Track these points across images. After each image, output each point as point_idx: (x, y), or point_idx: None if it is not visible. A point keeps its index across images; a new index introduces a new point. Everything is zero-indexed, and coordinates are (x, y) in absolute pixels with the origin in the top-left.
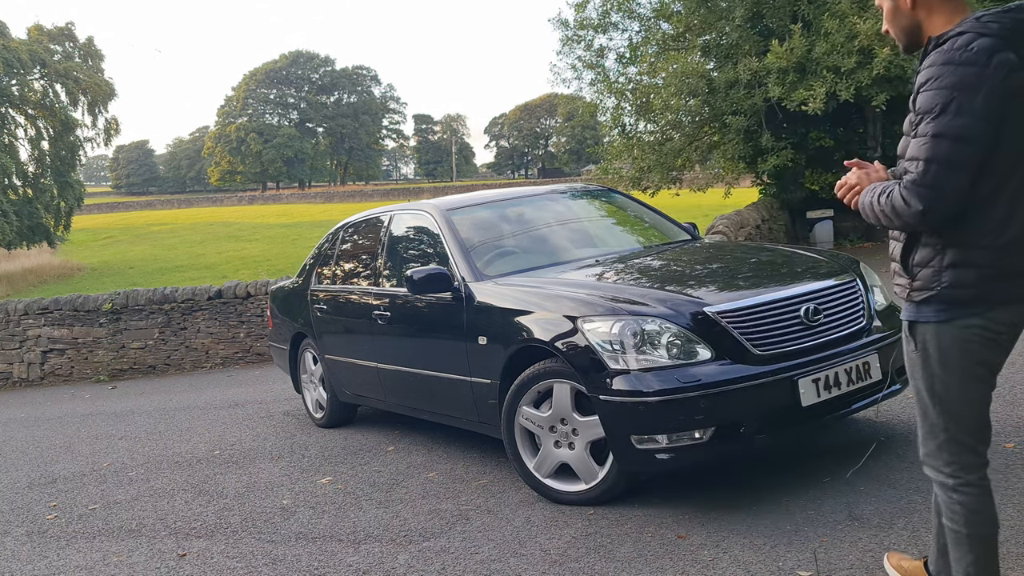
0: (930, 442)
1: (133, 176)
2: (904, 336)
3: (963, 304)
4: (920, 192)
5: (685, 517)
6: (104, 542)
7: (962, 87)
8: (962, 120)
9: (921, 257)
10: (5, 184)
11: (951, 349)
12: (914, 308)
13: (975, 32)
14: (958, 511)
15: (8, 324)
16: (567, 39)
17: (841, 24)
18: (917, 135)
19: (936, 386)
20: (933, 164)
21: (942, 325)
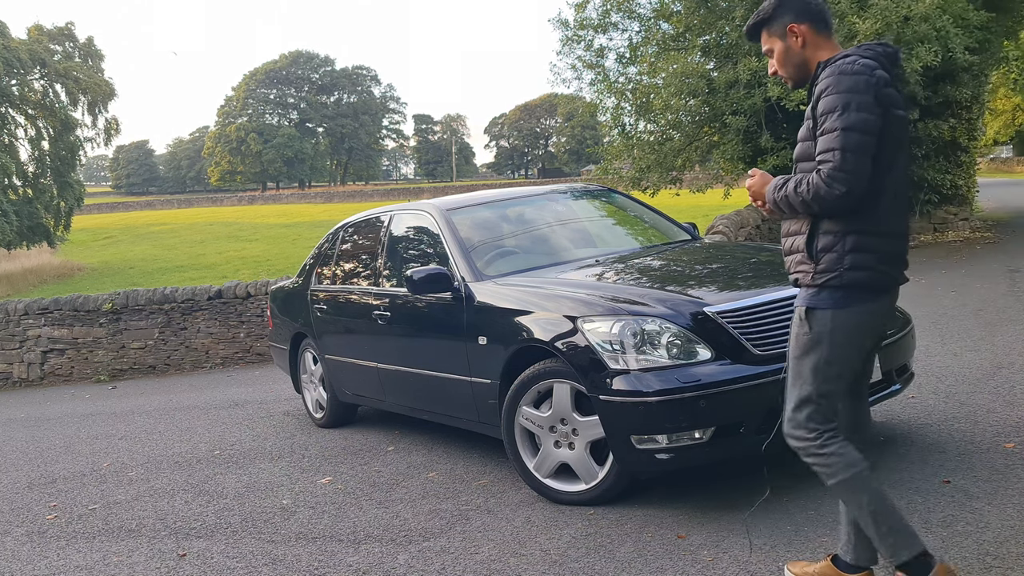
0: (799, 414)
1: (133, 176)
2: (799, 319)
3: (860, 287)
4: (840, 176)
5: (685, 517)
6: (104, 542)
7: (856, 90)
8: (861, 115)
9: (824, 243)
10: (5, 184)
11: (843, 335)
12: (814, 294)
13: (858, 55)
14: (833, 462)
15: (8, 324)
16: (567, 39)
17: (840, 24)
18: (824, 132)
19: (821, 366)
20: (847, 152)
21: (838, 312)
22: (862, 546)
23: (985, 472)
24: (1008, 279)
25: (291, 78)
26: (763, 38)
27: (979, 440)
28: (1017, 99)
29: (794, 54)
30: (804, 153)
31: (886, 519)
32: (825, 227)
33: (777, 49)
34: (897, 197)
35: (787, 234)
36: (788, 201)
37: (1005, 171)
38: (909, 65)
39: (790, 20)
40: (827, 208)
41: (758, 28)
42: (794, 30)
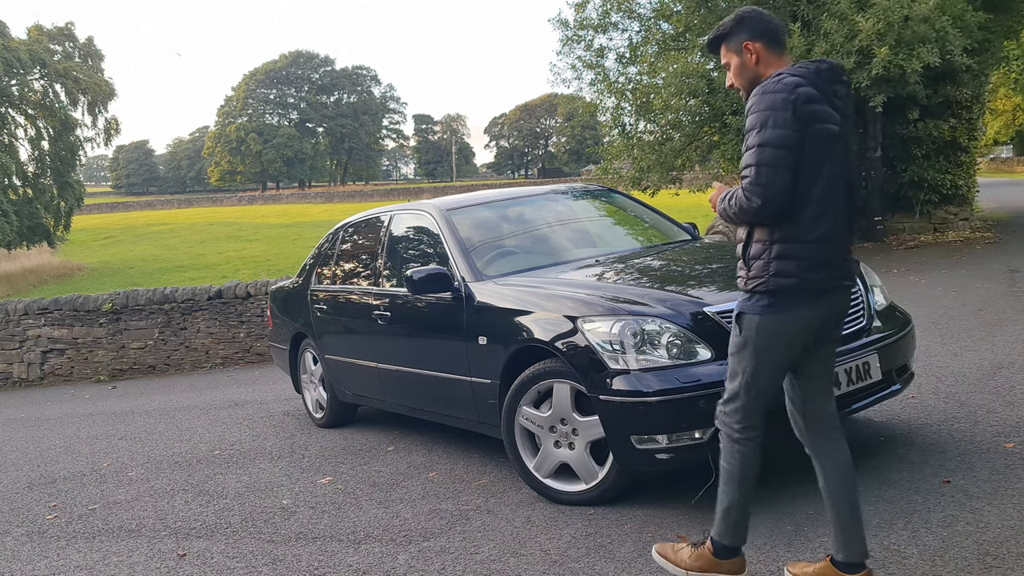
0: (732, 403)
1: (133, 176)
2: (733, 324)
3: (786, 293)
4: (755, 190)
5: (685, 517)
6: (104, 542)
7: (773, 107)
8: (777, 131)
9: (754, 251)
10: (5, 184)
11: (767, 339)
12: (745, 300)
13: (788, 73)
14: (737, 457)
15: (8, 324)
16: (567, 39)
17: (840, 24)
18: (747, 148)
19: (749, 367)
20: (762, 167)
21: (764, 317)
22: (852, 541)
23: (985, 472)
24: (1008, 279)
25: (291, 78)
26: (722, 52)
27: (979, 440)
28: (1017, 99)
29: (748, 69)
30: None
31: (737, 513)
32: (756, 236)
33: (734, 63)
34: (827, 206)
35: (740, 243)
36: (726, 212)
37: (1005, 171)
38: (909, 65)
39: (746, 38)
40: (749, 220)
41: (718, 42)
42: (749, 47)
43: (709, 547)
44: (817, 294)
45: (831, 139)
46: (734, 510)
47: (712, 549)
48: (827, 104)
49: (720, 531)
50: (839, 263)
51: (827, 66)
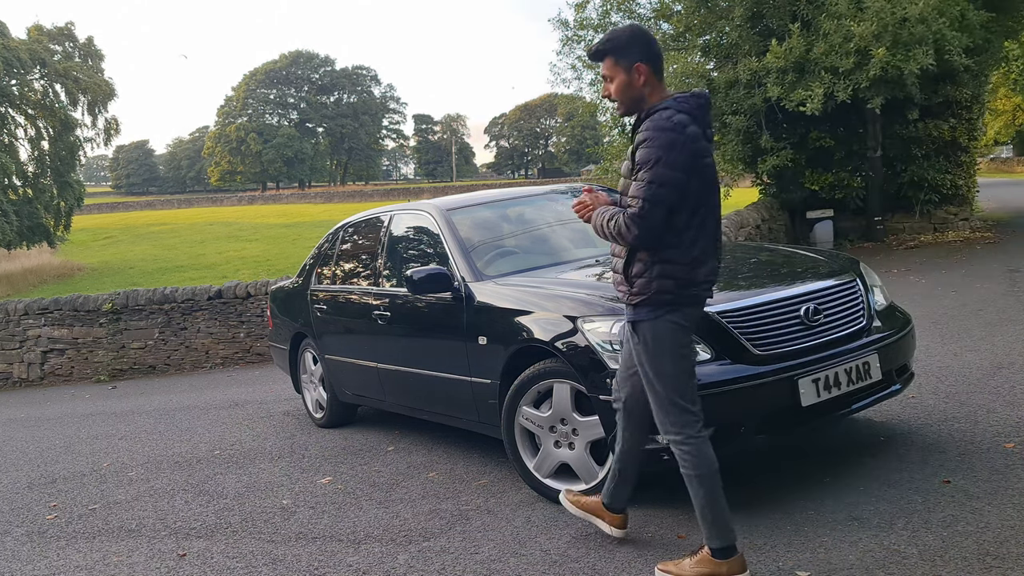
0: (662, 414)
1: (133, 176)
2: (629, 335)
3: (665, 305)
4: (637, 222)
5: (685, 517)
6: (104, 542)
7: (666, 147)
8: (665, 171)
9: (637, 270)
10: (5, 184)
11: (662, 338)
12: (633, 311)
13: (675, 109)
14: (688, 459)
15: (8, 324)
16: (567, 39)
17: (839, 25)
18: (637, 179)
19: (658, 366)
20: (646, 203)
21: (654, 321)
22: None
23: (985, 472)
24: (1008, 279)
25: (291, 78)
26: (607, 64)
27: (979, 440)
28: (1017, 99)
29: (635, 89)
30: (624, 188)
31: (713, 511)
32: (638, 256)
33: (619, 80)
34: (701, 233)
35: (613, 255)
36: (603, 229)
37: (1005, 171)
38: (906, 67)
39: (637, 58)
40: (627, 245)
41: (604, 54)
42: (639, 68)
43: (707, 552)
44: (689, 306)
45: (710, 172)
46: (709, 509)
47: (710, 553)
48: (705, 139)
49: (708, 535)
50: (710, 278)
51: (704, 99)
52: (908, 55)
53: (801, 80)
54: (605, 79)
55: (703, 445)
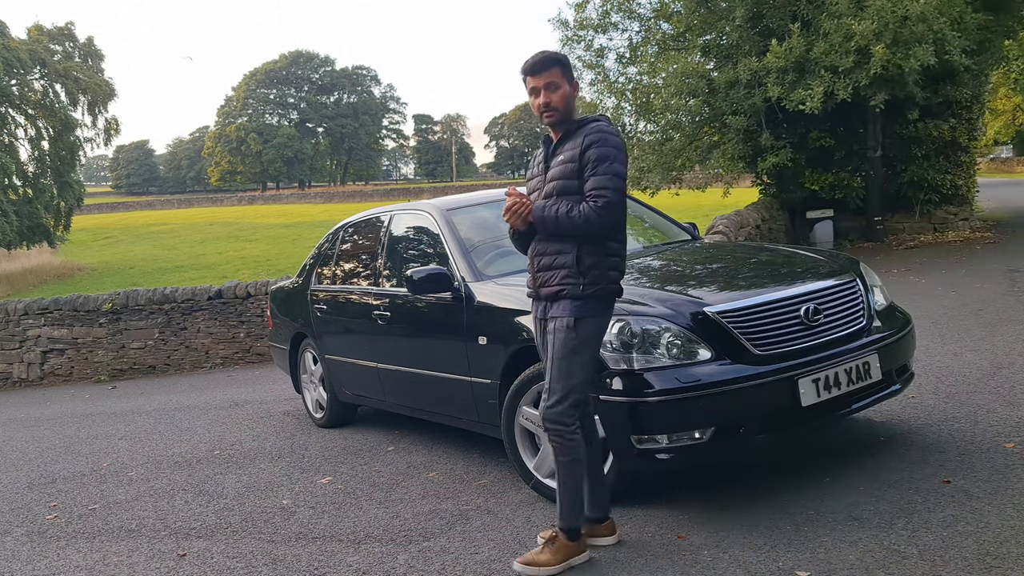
0: (563, 404)
1: (133, 176)
2: (566, 329)
3: (608, 299)
4: (609, 208)
5: (685, 517)
6: (104, 542)
7: (618, 148)
8: (622, 167)
9: (591, 263)
10: (5, 184)
11: (597, 336)
12: (580, 306)
13: (606, 122)
14: (569, 446)
15: (8, 324)
16: (567, 39)
17: (839, 24)
18: (597, 174)
19: (587, 363)
20: (614, 192)
21: (599, 319)
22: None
23: (985, 472)
24: (1008, 279)
25: (291, 78)
26: (555, 73)
27: (979, 440)
28: (1017, 99)
29: (572, 101)
30: (567, 187)
31: (578, 495)
32: (588, 249)
33: (564, 90)
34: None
35: (545, 253)
36: (557, 221)
37: (1005, 171)
38: (907, 65)
39: (573, 77)
40: (593, 232)
41: (557, 63)
42: (576, 85)
43: (562, 537)
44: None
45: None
46: (575, 494)
47: (566, 535)
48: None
49: (568, 517)
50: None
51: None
52: (908, 53)
53: (801, 80)
54: (542, 89)
55: (580, 433)
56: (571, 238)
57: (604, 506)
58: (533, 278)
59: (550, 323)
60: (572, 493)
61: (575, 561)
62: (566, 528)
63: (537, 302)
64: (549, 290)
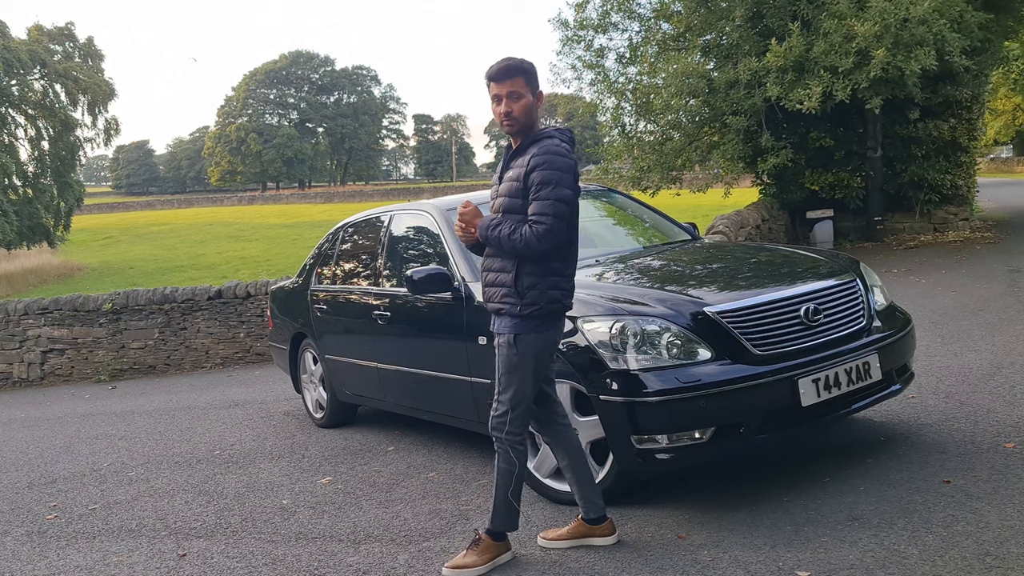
0: (509, 415)
1: (133, 176)
2: (507, 346)
3: (552, 317)
4: (548, 235)
5: (685, 517)
6: (104, 542)
7: (564, 170)
8: (566, 191)
9: (529, 283)
10: (5, 184)
11: (540, 353)
12: (519, 323)
13: (559, 138)
14: (513, 455)
15: (8, 324)
16: (567, 39)
17: (839, 24)
18: (540, 199)
19: (528, 377)
20: (555, 219)
21: (538, 335)
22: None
23: (985, 472)
24: (1008, 279)
25: (291, 78)
26: (519, 82)
27: (979, 440)
28: (1017, 99)
29: (534, 112)
30: (512, 206)
31: (511, 500)
32: (528, 269)
33: (527, 100)
34: (574, 247)
35: (491, 270)
36: (500, 241)
37: (1005, 171)
38: (907, 67)
39: (538, 87)
40: (532, 256)
41: (521, 72)
42: (540, 96)
43: (487, 539)
44: (563, 315)
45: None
46: (512, 499)
47: (492, 537)
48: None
49: (500, 521)
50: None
51: (571, 134)
52: (909, 55)
53: (801, 80)
54: (504, 97)
55: (527, 443)
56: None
57: (599, 506)
58: (483, 291)
59: (496, 337)
60: (504, 499)
61: (501, 560)
62: (493, 531)
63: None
64: (493, 306)
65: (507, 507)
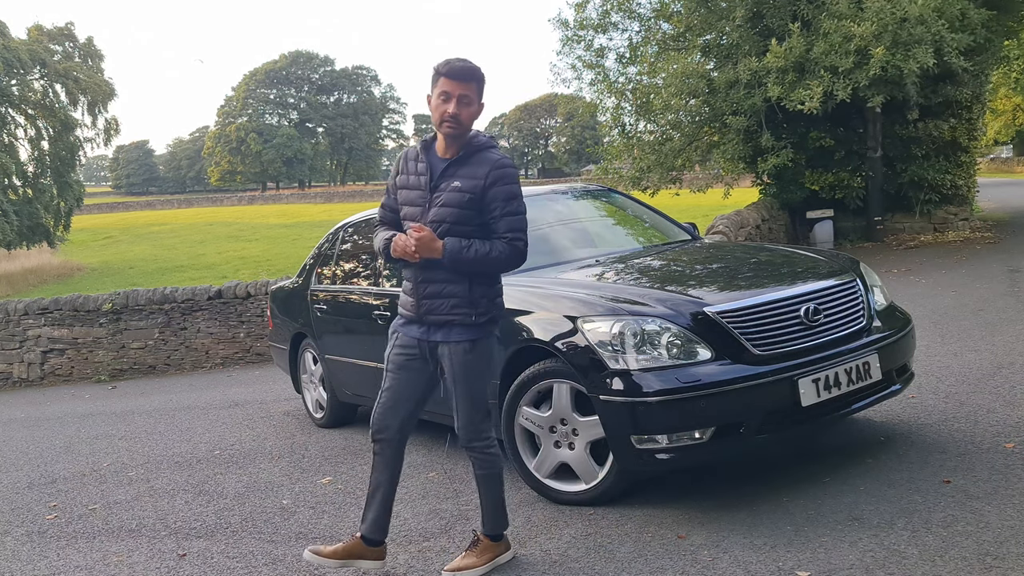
0: (477, 422)
1: (133, 176)
2: (463, 353)
3: (497, 321)
4: (525, 251)
5: (685, 517)
6: (104, 542)
7: (518, 183)
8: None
9: (481, 292)
10: (5, 184)
11: (494, 353)
12: (476, 330)
13: (497, 148)
14: (490, 460)
15: (8, 324)
16: (567, 39)
17: (838, 25)
18: (510, 214)
19: (487, 379)
20: (526, 234)
21: (490, 339)
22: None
23: (985, 472)
24: (1008, 279)
25: (291, 78)
26: (472, 88)
27: (979, 440)
28: (1018, 99)
29: (476, 117)
30: (462, 218)
31: (502, 502)
32: (479, 280)
33: (475, 108)
34: None
35: (433, 281)
36: (474, 262)
37: (1005, 171)
38: (906, 66)
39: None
40: (505, 271)
41: (473, 78)
42: (483, 106)
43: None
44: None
45: None
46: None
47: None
48: None
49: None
50: None
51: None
52: (908, 55)
53: (801, 80)
54: (455, 98)
55: (495, 447)
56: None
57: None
58: (416, 303)
59: (442, 347)
60: (497, 501)
61: (501, 560)
62: (493, 535)
63: (413, 325)
64: (439, 318)
65: (500, 509)
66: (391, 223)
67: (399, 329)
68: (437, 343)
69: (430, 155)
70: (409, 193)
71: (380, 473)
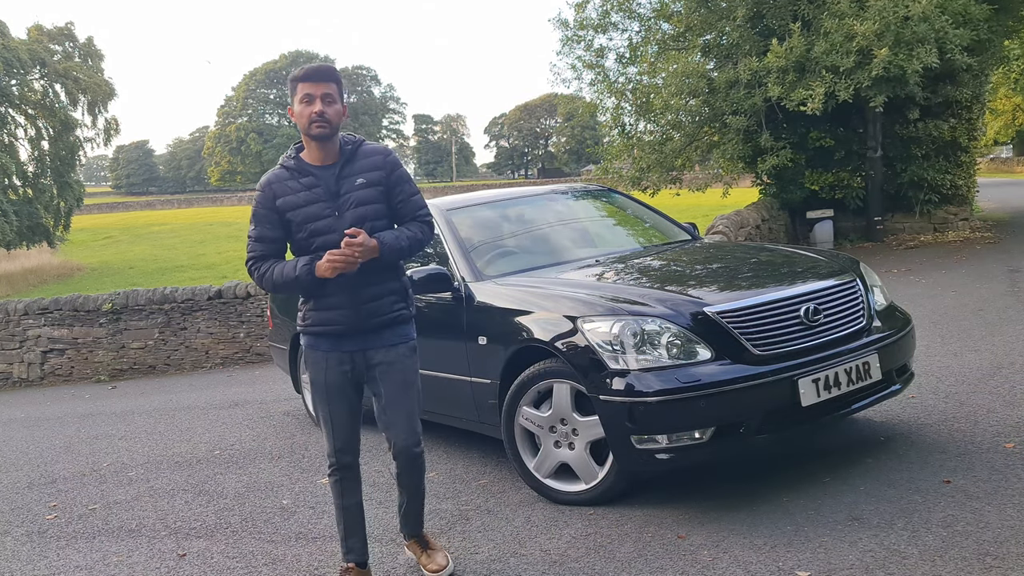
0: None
1: (133, 176)
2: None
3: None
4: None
5: (685, 517)
6: (104, 542)
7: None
8: None
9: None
10: (5, 184)
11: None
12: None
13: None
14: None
15: (8, 324)
16: (567, 39)
17: (840, 24)
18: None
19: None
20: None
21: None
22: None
23: (985, 472)
24: (1008, 279)
25: None
26: (334, 88)
27: (979, 440)
28: (1018, 99)
29: (341, 116)
30: (379, 212)
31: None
32: (401, 271)
33: (339, 106)
34: None
35: (372, 284)
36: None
37: (1005, 171)
38: (909, 65)
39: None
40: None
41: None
42: (346, 108)
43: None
44: None
45: None
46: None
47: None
48: None
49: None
50: None
51: None
52: (911, 54)
53: (802, 80)
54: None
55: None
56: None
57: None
58: (355, 311)
59: (383, 353)
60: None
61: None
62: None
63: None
64: (381, 319)
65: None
66: (274, 254)
67: (329, 350)
68: (376, 350)
69: (309, 168)
70: (307, 210)
71: (352, 495)
